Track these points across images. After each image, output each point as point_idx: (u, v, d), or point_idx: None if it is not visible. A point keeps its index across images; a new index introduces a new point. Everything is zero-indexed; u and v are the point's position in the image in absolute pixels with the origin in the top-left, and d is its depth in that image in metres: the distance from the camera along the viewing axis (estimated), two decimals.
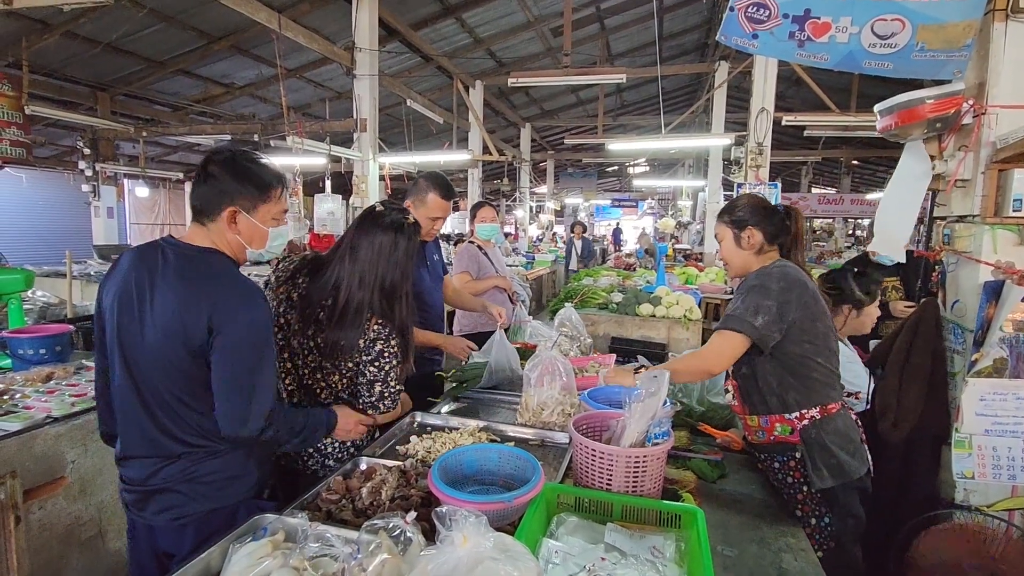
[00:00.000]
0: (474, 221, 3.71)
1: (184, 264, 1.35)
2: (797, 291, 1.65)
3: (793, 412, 1.67)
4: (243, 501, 1.41)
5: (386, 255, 1.65)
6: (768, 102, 5.70)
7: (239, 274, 1.41)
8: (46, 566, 1.93)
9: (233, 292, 1.35)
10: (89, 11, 5.78)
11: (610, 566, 1.11)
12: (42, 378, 2.26)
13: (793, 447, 1.67)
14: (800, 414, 1.67)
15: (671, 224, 13.53)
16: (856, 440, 1.69)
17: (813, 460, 1.63)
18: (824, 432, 1.64)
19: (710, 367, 1.72)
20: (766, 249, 1.80)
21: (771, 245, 1.80)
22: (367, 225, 1.68)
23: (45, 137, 9.07)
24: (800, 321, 1.64)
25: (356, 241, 1.66)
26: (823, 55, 2.08)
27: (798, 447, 1.66)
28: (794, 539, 1.41)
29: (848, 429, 1.69)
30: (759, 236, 1.78)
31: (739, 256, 1.83)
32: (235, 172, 1.40)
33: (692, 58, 11.38)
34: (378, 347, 1.63)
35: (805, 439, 1.65)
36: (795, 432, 1.67)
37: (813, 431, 1.65)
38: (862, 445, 1.72)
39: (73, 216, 10.79)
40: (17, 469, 1.79)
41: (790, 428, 1.67)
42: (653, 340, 3.83)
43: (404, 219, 1.71)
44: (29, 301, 3.43)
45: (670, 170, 18.35)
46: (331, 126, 6.48)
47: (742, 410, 1.82)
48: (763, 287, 1.66)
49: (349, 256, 1.65)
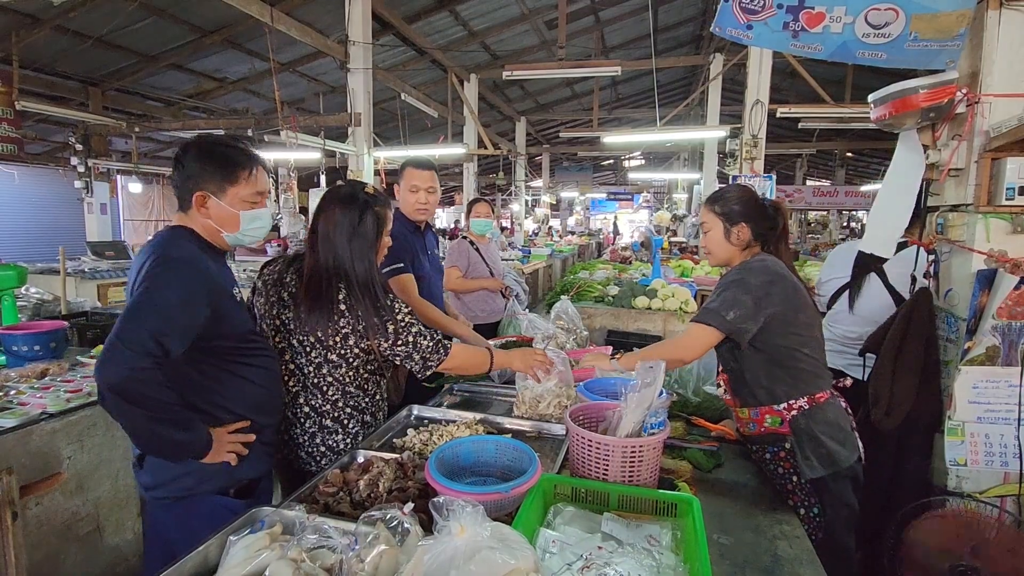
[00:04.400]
0: (469, 216, 3.72)
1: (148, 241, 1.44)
2: (779, 285, 1.67)
3: (782, 403, 1.69)
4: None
5: (344, 227, 1.63)
6: (763, 94, 5.69)
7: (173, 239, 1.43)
8: (44, 561, 1.93)
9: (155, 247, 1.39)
10: (80, 4, 5.72)
11: (607, 555, 1.12)
12: (37, 374, 2.25)
13: (783, 438, 1.69)
14: (789, 404, 1.68)
15: (667, 217, 13.53)
16: (847, 428, 1.71)
17: (803, 450, 1.65)
18: (814, 422, 1.66)
19: (682, 355, 1.74)
20: (751, 245, 1.82)
21: (756, 241, 1.81)
22: (324, 204, 1.69)
23: (36, 133, 9.01)
24: (783, 314, 1.66)
25: (316, 222, 1.67)
26: (817, 46, 2.08)
27: (788, 438, 1.67)
28: (788, 526, 1.43)
29: (838, 418, 1.70)
30: (748, 233, 1.79)
31: (725, 249, 1.84)
32: (200, 156, 1.43)
33: (687, 50, 11.36)
34: (390, 328, 1.63)
35: (795, 429, 1.67)
36: (785, 423, 1.68)
37: (803, 421, 1.66)
38: (852, 433, 1.73)
39: (66, 213, 10.69)
40: (13, 465, 1.78)
41: (780, 419, 1.69)
42: (649, 332, 3.85)
43: (358, 190, 1.70)
44: (23, 298, 3.41)
45: (665, 163, 18.34)
46: (325, 120, 6.45)
47: (733, 403, 1.84)
48: (742, 282, 1.68)
49: (314, 238, 1.66)
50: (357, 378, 1.72)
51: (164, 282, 1.31)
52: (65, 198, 10.40)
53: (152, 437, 1.30)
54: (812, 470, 1.62)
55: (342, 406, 1.73)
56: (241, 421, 1.49)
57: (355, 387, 1.73)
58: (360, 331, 1.64)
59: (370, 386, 1.78)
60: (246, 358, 1.51)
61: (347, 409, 1.74)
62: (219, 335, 1.42)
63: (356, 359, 1.69)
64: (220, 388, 1.46)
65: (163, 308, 1.28)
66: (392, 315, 1.64)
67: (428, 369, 1.71)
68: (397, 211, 2.67)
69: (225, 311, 1.43)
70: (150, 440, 1.32)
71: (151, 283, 1.29)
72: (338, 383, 1.70)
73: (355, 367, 1.70)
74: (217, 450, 1.39)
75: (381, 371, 1.82)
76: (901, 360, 2.16)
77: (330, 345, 1.66)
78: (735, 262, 1.82)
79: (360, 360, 1.70)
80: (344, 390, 1.72)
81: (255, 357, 1.53)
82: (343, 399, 1.73)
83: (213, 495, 1.45)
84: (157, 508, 1.48)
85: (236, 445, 1.45)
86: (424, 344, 1.68)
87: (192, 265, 1.38)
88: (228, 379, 1.48)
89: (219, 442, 1.40)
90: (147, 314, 1.26)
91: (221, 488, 1.47)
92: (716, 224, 1.83)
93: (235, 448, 1.45)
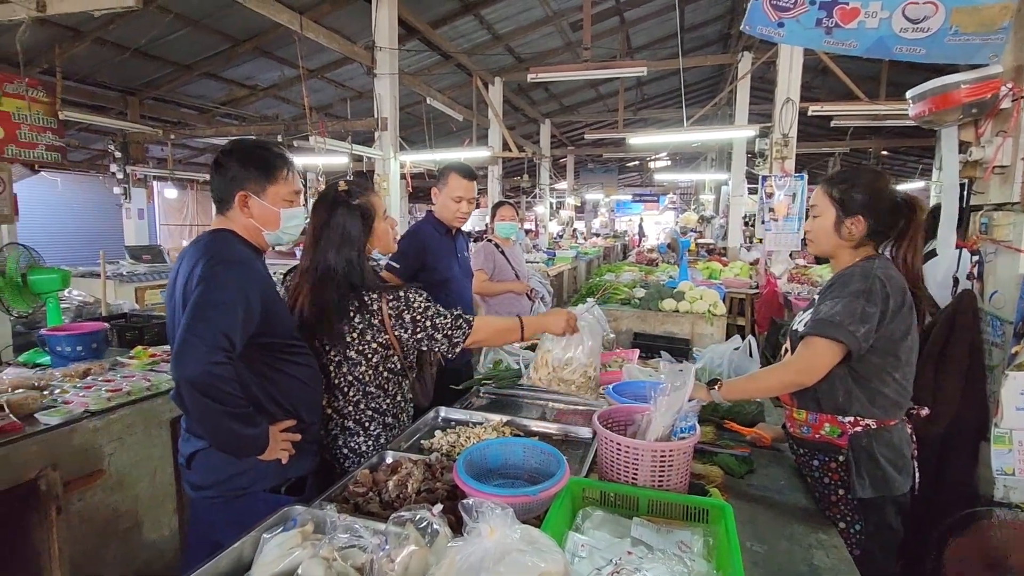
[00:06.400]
0: (494, 219, 3.73)
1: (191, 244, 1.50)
2: (907, 307, 1.48)
3: (848, 417, 1.54)
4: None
5: (328, 228, 1.68)
6: (794, 92, 5.57)
7: (223, 242, 1.47)
8: (85, 556, 1.99)
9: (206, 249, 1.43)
10: (118, 17, 5.93)
11: (637, 560, 1.11)
12: (79, 374, 2.33)
13: (838, 450, 1.55)
14: (855, 420, 1.53)
15: (693, 218, 13.37)
16: (907, 456, 1.57)
17: (857, 468, 1.51)
18: (876, 443, 1.51)
19: (803, 380, 1.51)
20: (864, 243, 1.58)
21: (869, 240, 1.58)
22: (312, 209, 1.75)
23: (78, 141, 9.36)
24: (895, 335, 1.48)
25: (309, 227, 1.74)
26: (852, 42, 2.02)
27: (844, 451, 1.54)
28: (825, 536, 1.39)
29: (902, 444, 1.56)
30: (863, 228, 1.55)
31: (830, 242, 1.61)
32: (241, 158, 1.49)
33: (714, 49, 11.19)
34: (406, 317, 1.66)
35: (854, 445, 1.52)
36: (844, 436, 1.54)
37: (864, 439, 1.52)
38: (912, 461, 1.59)
39: (105, 218, 11.11)
40: (57, 462, 1.85)
41: (840, 431, 1.55)
42: (676, 335, 3.79)
43: (330, 190, 1.75)
44: (66, 300, 3.54)
45: (692, 164, 18.10)
46: (353, 125, 6.54)
47: (790, 401, 1.68)
48: (869, 292, 1.45)
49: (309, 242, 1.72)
50: (377, 377, 1.74)
51: (222, 282, 1.35)
52: (104, 204, 10.82)
53: (223, 432, 1.34)
54: (863, 490, 1.50)
55: (363, 408, 1.75)
56: (289, 419, 1.52)
57: (375, 387, 1.74)
58: (376, 325, 1.67)
59: (391, 387, 1.79)
60: (292, 356, 1.55)
61: (368, 411, 1.76)
62: (269, 332, 1.47)
63: (375, 355, 1.71)
64: (270, 386, 1.50)
65: (226, 306, 1.33)
66: (408, 304, 1.67)
67: (456, 346, 1.70)
68: (429, 213, 2.69)
69: (274, 309, 1.48)
70: (221, 434, 1.35)
71: (210, 283, 1.34)
72: (358, 383, 1.72)
73: (374, 365, 1.72)
74: (272, 447, 1.44)
75: (403, 372, 1.83)
76: (944, 364, 2.08)
77: (347, 342, 1.68)
78: (841, 260, 1.61)
79: (379, 356, 1.72)
80: (365, 390, 1.74)
81: (299, 355, 1.58)
82: (364, 400, 1.75)
83: (267, 493, 1.49)
84: (206, 507, 1.51)
85: (287, 443, 1.49)
86: (444, 323, 1.68)
87: (246, 265, 1.43)
88: (277, 377, 1.52)
89: (274, 439, 1.44)
90: (213, 312, 1.31)
91: (274, 486, 1.51)
92: (828, 210, 1.59)
93: (286, 446, 1.49)
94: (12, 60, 5.39)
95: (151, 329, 3.02)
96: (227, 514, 1.47)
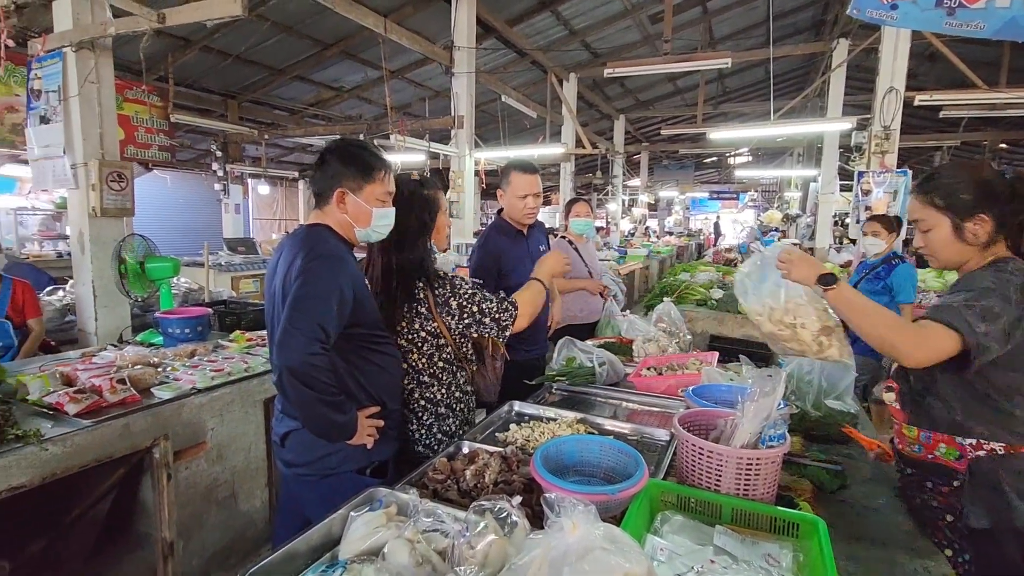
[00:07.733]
0: (568, 216, 3.70)
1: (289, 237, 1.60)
2: None
3: (969, 439, 1.38)
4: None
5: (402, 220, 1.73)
6: (898, 81, 5.12)
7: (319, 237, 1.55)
8: (190, 519, 2.18)
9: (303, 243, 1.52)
10: (224, 26, 6.41)
11: (720, 570, 1.07)
12: (187, 354, 2.56)
13: (954, 473, 1.40)
14: (978, 443, 1.37)
15: (777, 217, 12.68)
16: None
17: (975, 496, 1.36)
18: (1004, 470, 1.35)
19: (905, 350, 1.30)
20: (994, 240, 1.40)
21: (999, 234, 1.40)
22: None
23: (187, 141, 10.22)
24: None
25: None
26: (978, 23, 1.83)
27: (960, 475, 1.39)
28: (932, 562, 1.27)
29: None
30: (990, 225, 1.37)
31: (957, 252, 1.43)
32: (343, 157, 1.57)
33: (806, 37, 10.53)
34: (452, 304, 1.71)
35: (974, 471, 1.37)
36: (963, 459, 1.39)
37: (988, 465, 1.36)
38: None
39: (207, 212, 12.10)
40: (168, 433, 2.04)
41: (958, 453, 1.39)
42: (755, 339, 3.61)
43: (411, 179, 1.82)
44: (174, 287, 3.89)
45: (776, 160, 17.15)
46: (431, 124, 6.72)
47: (901, 415, 1.53)
48: (1002, 293, 1.30)
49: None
50: (431, 366, 1.79)
51: (318, 275, 1.44)
52: (206, 199, 11.77)
53: (318, 417, 1.42)
54: (977, 520, 1.35)
55: (417, 396, 1.80)
56: (374, 406, 1.60)
57: (428, 376, 1.79)
58: (424, 313, 1.72)
59: (445, 376, 1.83)
60: (378, 345, 1.63)
61: (421, 400, 1.81)
62: (359, 323, 1.55)
63: (425, 343, 1.76)
64: (358, 374, 1.59)
65: (321, 299, 1.42)
66: (454, 291, 1.73)
67: (505, 329, 1.76)
68: (499, 216, 2.70)
69: (363, 300, 1.56)
70: (315, 419, 1.43)
71: (308, 276, 1.43)
72: (412, 370, 1.78)
73: (427, 354, 1.77)
74: (360, 432, 1.51)
75: (459, 363, 1.86)
76: None
77: (398, 331, 1.75)
78: (972, 266, 1.44)
79: (430, 345, 1.77)
80: (418, 379, 1.79)
81: (384, 345, 1.65)
82: (418, 389, 1.80)
83: (354, 474, 1.57)
84: (298, 484, 1.62)
85: (372, 429, 1.57)
86: (490, 307, 1.74)
87: (340, 259, 1.52)
88: (364, 365, 1.60)
89: (361, 425, 1.52)
90: (310, 304, 1.40)
91: (360, 468, 1.59)
92: (940, 221, 1.42)
93: (372, 431, 1.56)
94: (132, 68, 5.96)
95: (248, 315, 3.26)
96: (316, 491, 1.56)
